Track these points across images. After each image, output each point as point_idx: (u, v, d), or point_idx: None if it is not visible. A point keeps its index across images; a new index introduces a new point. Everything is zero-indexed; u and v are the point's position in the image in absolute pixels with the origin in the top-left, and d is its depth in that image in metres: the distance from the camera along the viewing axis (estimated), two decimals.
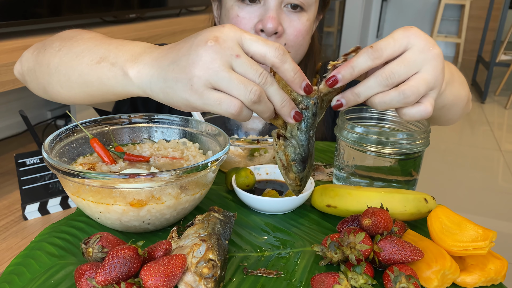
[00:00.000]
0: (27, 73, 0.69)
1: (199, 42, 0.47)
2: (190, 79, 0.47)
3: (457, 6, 6.07)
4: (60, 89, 0.63)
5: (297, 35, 0.82)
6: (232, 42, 0.47)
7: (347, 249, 0.47)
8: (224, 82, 0.46)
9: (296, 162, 0.53)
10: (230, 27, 0.48)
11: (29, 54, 0.70)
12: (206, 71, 0.46)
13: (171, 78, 0.49)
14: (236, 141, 0.70)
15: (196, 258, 0.45)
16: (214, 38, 0.47)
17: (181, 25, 1.95)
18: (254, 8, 0.80)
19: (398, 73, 0.49)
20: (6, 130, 1.62)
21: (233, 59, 0.47)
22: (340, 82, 0.50)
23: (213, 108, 0.47)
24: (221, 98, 0.47)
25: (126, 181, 0.49)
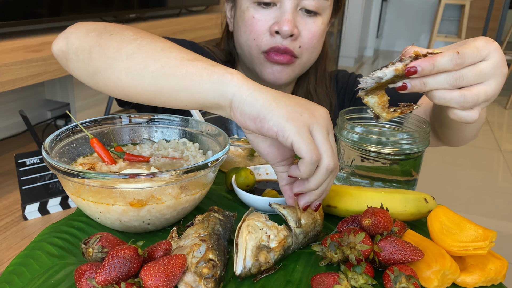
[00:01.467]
0: (74, 51, 0.65)
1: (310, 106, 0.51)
2: (301, 113, 0.49)
3: (457, 6, 6.07)
4: (123, 76, 0.60)
5: (311, 38, 0.84)
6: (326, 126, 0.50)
7: (347, 249, 0.47)
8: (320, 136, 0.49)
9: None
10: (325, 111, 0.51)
11: (81, 33, 0.66)
12: (314, 119, 0.49)
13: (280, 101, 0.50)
14: (236, 141, 0.70)
15: (196, 258, 0.45)
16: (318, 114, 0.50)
17: (181, 25, 1.95)
18: (269, 11, 0.82)
19: (468, 78, 0.52)
20: (6, 130, 1.62)
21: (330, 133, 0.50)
22: (418, 74, 0.52)
23: (299, 142, 0.48)
24: (312, 142, 0.49)
25: (126, 181, 0.49)
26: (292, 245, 0.51)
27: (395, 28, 6.51)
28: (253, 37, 0.84)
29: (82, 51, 0.64)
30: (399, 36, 6.52)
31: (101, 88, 0.65)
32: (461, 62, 0.51)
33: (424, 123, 0.68)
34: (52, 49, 0.69)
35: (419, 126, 0.68)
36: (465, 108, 0.53)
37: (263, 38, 0.83)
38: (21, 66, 1.10)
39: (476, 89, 0.52)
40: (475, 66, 0.52)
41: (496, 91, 0.53)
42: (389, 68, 0.53)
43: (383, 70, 0.54)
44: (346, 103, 1.01)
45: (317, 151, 0.48)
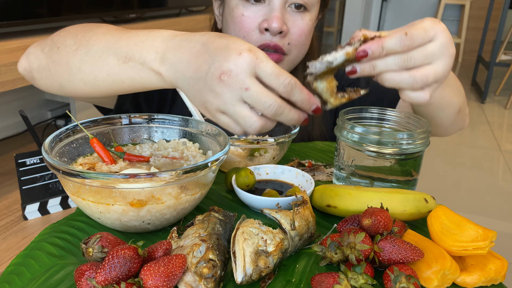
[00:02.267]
0: (37, 70, 0.70)
1: (214, 72, 0.51)
2: (205, 102, 0.53)
3: (457, 6, 6.07)
4: (83, 87, 0.65)
5: (300, 35, 0.84)
6: (244, 74, 0.50)
7: (347, 249, 0.47)
8: (230, 112, 0.52)
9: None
10: (246, 57, 0.50)
11: (37, 51, 0.70)
12: (216, 101, 0.52)
13: (191, 92, 0.55)
14: (236, 141, 0.70)
15: (196, 258, 0.45)
16: (227, 71, 0.50)
17: (181, 25, 1.95)
18: (258, 8, 0.81)
19: (416, 59, 0.53)
20: (6, 130, 1.62)
21: (243, 92, 0.50)
22: (368, 57, 0.53)
23: (223, 126, 0.55)
24: (229, 123, 0.53)
25: (126, 181, 0.49)
26: (289, 248, 0.51)
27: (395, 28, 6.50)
28: (243, 35, 0.84)
29: (42, 69, 0.69)
30: None
31: (72, 96, 0.71)
32: (410, 44, 0.52)
33: (424, 123, 0.68)
34: (18, 70, 0.76)
35: (419, 126, 0.68)
36: (415, 88, 0.54)
37: (252, 36, 0.83)
38: None
39: (425, 70, 0.53)
40: (423, 47, 0.53)
41: (445, 71, 0.54)
42: (339, 52, 0.54)
43: (333, 54, 0.54)
44: None
45: (238, 128, 0.53)
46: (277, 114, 0.51)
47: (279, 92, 0.51)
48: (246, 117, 0.51)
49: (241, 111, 0.51)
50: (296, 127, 0.76)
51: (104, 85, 0.64)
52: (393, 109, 0.73)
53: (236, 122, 0.52)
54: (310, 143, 0.91)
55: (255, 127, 0.52)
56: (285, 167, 0.70)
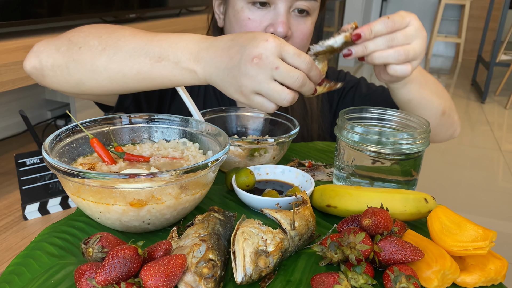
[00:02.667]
0: (50, 68, 0.71)
1: (247, 57, 0.59)
2: (240, 86, 0.60)
3: (457, 6, 6.07)
4: (108, 84, 0.69)
5: (302, 38, 0.86)
6: (273, 56, 0.59)
7: (347, 249, 0.47)
8: (264, 91, 0.60)
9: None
10: (272, 42, 0.59)
11: (50, 50, 0.72)
12: (252, 82, 0.59)
13: (226, 81, 0.62)
14: (236, 141, 0.70)
15: (196, 258, 0.45)
16: (258, 56, 0.58)
17: (181, 25, 1.95)
18: (264, 12, 0.83)
19: (398, 39, 0.65)
20: (6, 130, 1.62)
21: (273, 71, 0.59)
22: (361, 38, 0.65)
23: (256, 107, 0.62)
24: (263, 102, 0.61)
25: (126, 181, 0.49)
26: (289, 248, 0.51)
27: None
28: None
29: (58, 67, 0.71)
30: None
31: (87, 93, 0.73)
32: (392, 26, 0.65)
33: (424, 123, 0.68)
34: (25, 67, 0.76)
35: (419, 126, 0.68)
36: (400, 61, 0.66)
37: None
38: (21, 66, 1.09)
39: (405, 47, 0.66)
40: (403, 30, 0.66)
41: (421, 49, 0.67)
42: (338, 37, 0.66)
43: (333, 39, 0.66)
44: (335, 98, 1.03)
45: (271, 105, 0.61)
46: (302, 85, 0.61)
47: (301, 69, 0.61)
48: (280, 91, 0.60)
49: (274, 87, 0.59)
50: (296, 127, 0.76)
51: (133, 82, 0.67)
52: (393, 109, 0.73)
53: (271, 98, 0.60)
54: (310, 143, 0.91)
55: (289, 99, 0.60)
56: (285, 167, 0.70)
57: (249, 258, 0.46)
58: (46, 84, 0.75)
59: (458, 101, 4.07)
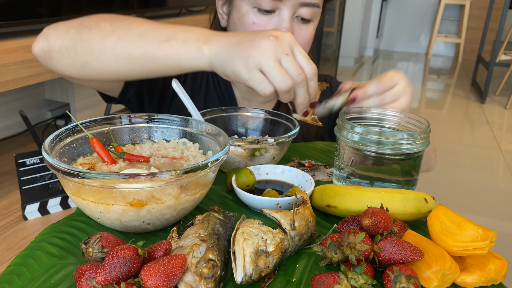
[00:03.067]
0: (58, 49, 0.72)
1: (264, 35, 0.63)
2: (247, 56, 0.62)
3: (457, 6, 6.07)
4: (113, 64, 0.70)
5: (304, 44, 0.87)
6: (287, 44, 0.63)
7: (347, 249, 0.47)
8: (269, 68, 0.61)
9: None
10: (290, 35, 0.64)
11: (60, 32, 0.72)
12: (260, 55, 0.61)
13: (234, 52, 0.63)
14: (236, 141, 0.70)
15: (196, 258, 0.45)
16: (275, 36, 0.62)
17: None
18: (269, 17, 0.83)
19: (388, 98, 0.74)
20: (6, 130, 1.62)
21: (283, 55, 0.62)
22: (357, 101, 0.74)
23: (254, 84, 0.63)
24: (262, 80, 0.63)
25: (126, 181, 0.49)
26: (289, 248, 0.51)
27: (395, 28, 6.51)
28: None
29: (66, 48, 0.71)
30: (399, 36, 6.52)
31: (91, 77, 0.74)
32: (383, 87, 0.73)
33: (424, 123, 0.68)
34: (33, 50, 0.76)
35: (419, 126, 0.68)
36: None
37: None
38: (21, 66, 1.10)
39: (394, 105, 0.74)
40: (391, 90, 0.74)
41: (407, 104, 0.75)
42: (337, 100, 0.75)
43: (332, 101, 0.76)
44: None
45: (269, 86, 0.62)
46: (299, 85, 0.64)
47: (305, 71, 0.64)
48: (283, 73, 0.62)
49: (279, 68, 0.62)
50: (296, 127, 0.76)
51: (138, 62, 0.68)
52: (393, 109, 0.73)
53: (272, 78, 0.62)
54: (310, 143, 0.91)
55: (289, 84, 0.62)
56: (285, 167, 0.70)
57: (249, 258, 0.46)
58: (52, 67, 0.75)
59: (458, 101, 4.07)
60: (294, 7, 0.82)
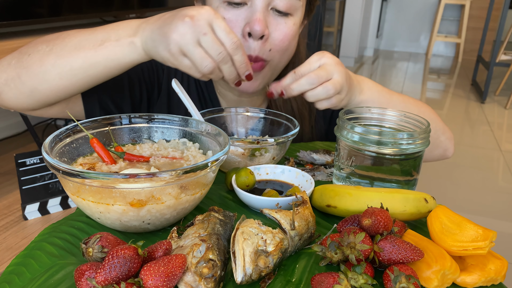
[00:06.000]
0: (4, 83, 0.72)
1: (180, 16, 0.61)
2: (169, 43, 0.62)
3: (457, 6, 6.07)
4: (59, 82, 0.70)
5: (283, 40, 0.81)
6: (204, 21, 0.61)
7: (347, 249, 0.47)
8: (190, 52, 0.62)
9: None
10: (207, 10, 0.62)
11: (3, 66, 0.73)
12: (180, 39, 0.61)
13: (157, 40, 0.64)
14: (236, 141, 0.70)
15: (196, 258, 0.45)
16: (191, 16, 0.61)
17: None
18: (240, 11, 0.78)
19: (321, 76, 0.71)
20: (6, 130, 1.62)
21: (201, 35, 0.61)
22: (274, 95, 0.74)
23: (185, 70, 0.64)
24: (189, 66, 0.63)
25: (126, 181, 0.49)
26: (288, 248, 0.51)
27: (395, 28, 6.51)
28: None
29: (11, 79, 0.72)
30: (399, 36, 6.52)
31: (43, 101, 0.74)
32: (298, 75, 0.72)
33: (424, 123, 0.68)
34: None
35: (419, 126, 0.68)
36: (329, 96, 0.72)
37: None
38: None
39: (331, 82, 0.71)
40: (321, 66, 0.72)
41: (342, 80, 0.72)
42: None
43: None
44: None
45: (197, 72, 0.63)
46: (223, 62, 0.63)
47: (226, 47, 0.63)
48: (203, 58, 0.62)
49: (199, 52, 0.61)
50: (296, 127, 0.76)
51: (81, 72, 0.69)
52: (393, 109, 0.73)
53: (194, 63, 0.62)
54: (310, 143, 0.91)
55: (210, 68, 0.62)
56: (285, 167, 0.70)
57: (249, 258, 0.46)
58: (3, 102, 0.75)
59: (458, 101, 4.07)
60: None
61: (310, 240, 0.55)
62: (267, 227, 0.50)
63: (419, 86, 4.59)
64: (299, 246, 0.53)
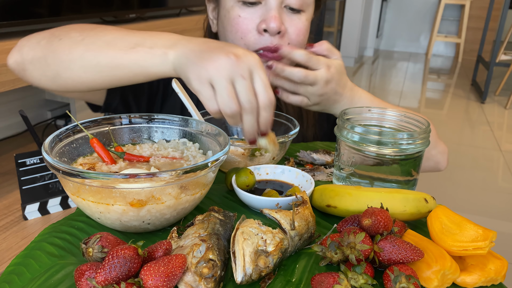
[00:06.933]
0: (30, 61, 0.72)
1: (225, 51, 0.59)
2: (201, 68, 0.59)
3: (457, 6, 6.07)
4: (82, 74, 0.69)
5: (298, 34, 0.84)
6: (247, 66, 0.58)
7: (347, 249, 0.47)
8: (219, 87, 0.58)
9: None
10: (254, 57, 0.60)
11: (32, 43, 0.72)
12: (214, 71, 0.58)
13: (192, 60, 0.61)
14: (236, 141, 0.70)
15: (196, 258, 0.45)
16: (236, 55, 0.58)
17: (181, 25, 1.95)
18: (255, 9, 0.81)
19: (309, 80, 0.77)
20: (6, 130, 1.62)
21: (238, 77, 0.58)
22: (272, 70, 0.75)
23: (201, 97, 0.60)
24: (210, 98, 0.59)
25: (126, 181, 0.49)
26: (288, 248, 0.51)
27: (395, 28, 6.51)
28: (240, 36, 0.83)
29: (37, 59, 0.71)
30: (399, 36, 6.52)
31: (63, 88, 0.73)
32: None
33: (424, 123, 0.68)
34: (8, 63, 0.77)
35: (419, 126, 0.68)
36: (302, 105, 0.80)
37: (250, 37, 0.82)
38: None
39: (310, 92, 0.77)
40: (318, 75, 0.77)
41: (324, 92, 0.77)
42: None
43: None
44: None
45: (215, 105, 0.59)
46: (247, 113, 0.59)
47: (258, 99, 0.59)
48: (231, 98, 0.58)
49: (230, 91, 0.57)
50: (296, 127, 0.76)
51: (105, 70, 0.67)
52: (393, 109, 0.73)
53: (219, 98, 0.58)
54: (310, 143, 0.91)
55: (232, 109, 0.58)
56: (285, 167, 0.70)
57: (249, 258, 0.46)
58: (27, 79, 0.75)
59: (458, 101, 4.07)
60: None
61: (310, 240, 0.55)
62: (267, 227, 0.50)
63: (419, 86, 4.59)
64: (299, 246, 0.53)
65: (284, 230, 0.51)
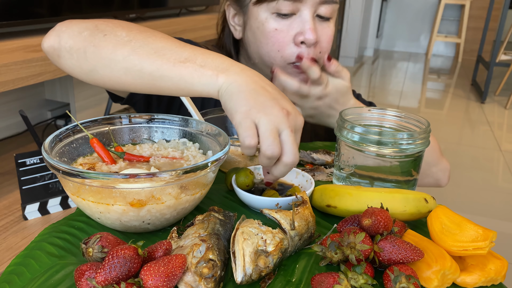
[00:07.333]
0: (68, 50, 0.69)
1: (280, 103, 0.59)
2: (252, 107, 0.58)
3: (457, 6, 6.07)
4: (122, 75, 0.66)
5: (328, 41, 0.87)
6: (295, 124, 0.60)
7: (347, 249, 0.47)
8: (266, 128, 0.57)
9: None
10: (301, 118, 0.61)
11: (73, 32, 0.69)
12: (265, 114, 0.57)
13: (243, 95, 0.59)
14: (236, 141, 0.70)
15: (196, 258, 0.45)
16: (288, 112, 0.59)
17: (181, 25, 1.95)
18: (289, 21, 0.82)
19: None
20: (6, 130, 1.62)
21: (286, 129, 0.58)
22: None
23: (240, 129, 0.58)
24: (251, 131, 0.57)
25: (126, 181, 0.49)
26: (288, 248, 0.51)
27: (395, 28, 6.51)
28: (277, 49, 0.84)
29: (76, 50, 0.68)
30: (399, 36, 6.52)
31: (98, 84, 0.70)
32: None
33: (424, 123, 0.68)
34: (43, 45, 0.73)
35: (419, 126, 0.68)
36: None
37: (287, 49, 0.84)
38: (21, 66, 1.10)
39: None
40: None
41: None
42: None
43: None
44: None
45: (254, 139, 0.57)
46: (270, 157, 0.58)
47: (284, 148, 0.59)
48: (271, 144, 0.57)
49: (268, 135, 0.57)
50: None
51: (148, 78, 0.64)
52: (393, 109, 0.73)
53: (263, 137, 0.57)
54: (310, 143, 0.91)
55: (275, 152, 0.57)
56: None
57: (249, 258, 0.46)
58: (60, 65, 0.73)
59: (458, 101, 4.07)
60: (314, 6, 0.81)
61: (310, 240, 0.55)
62: (267, 227, 0.50)
63: (419, 86, 4.59)
64: (299, 246, 0.53)
65: (284, 230, 0.51)
